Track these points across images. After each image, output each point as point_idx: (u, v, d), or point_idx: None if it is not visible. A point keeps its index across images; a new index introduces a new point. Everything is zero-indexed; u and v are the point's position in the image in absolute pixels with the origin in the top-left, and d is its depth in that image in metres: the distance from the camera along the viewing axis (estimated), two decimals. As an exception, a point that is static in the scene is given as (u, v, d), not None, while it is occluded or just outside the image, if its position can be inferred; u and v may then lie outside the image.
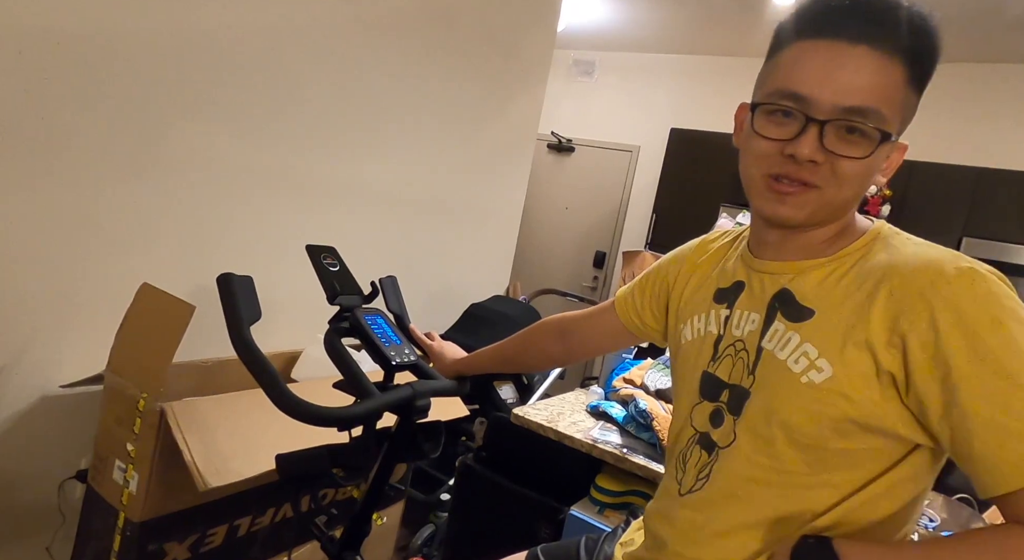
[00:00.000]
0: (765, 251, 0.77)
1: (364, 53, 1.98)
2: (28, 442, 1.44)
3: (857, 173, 0.66)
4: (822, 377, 0.65)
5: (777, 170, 0.67)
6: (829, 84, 0.63)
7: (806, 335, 0.67)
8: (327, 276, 1.01)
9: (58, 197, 1.38)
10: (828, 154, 0.64)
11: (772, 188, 0.68)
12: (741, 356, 0.75)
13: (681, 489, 0.79)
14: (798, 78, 0.65)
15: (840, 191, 0.67)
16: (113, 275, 1.49)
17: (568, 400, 1.78)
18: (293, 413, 0.83)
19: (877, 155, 0.65)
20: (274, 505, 1.47)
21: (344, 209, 2.06)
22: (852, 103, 0.63)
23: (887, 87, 0.63)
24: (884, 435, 0.64)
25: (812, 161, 0.65)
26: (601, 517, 1.45)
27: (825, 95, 0.63)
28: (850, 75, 0.63)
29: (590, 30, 4.09)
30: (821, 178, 0.66)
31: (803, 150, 0.64)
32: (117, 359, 1.31)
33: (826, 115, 0.63)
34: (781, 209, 0.68)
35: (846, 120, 0.63)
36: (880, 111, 0.63)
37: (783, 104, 0.66)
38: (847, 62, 0.63)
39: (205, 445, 1.18)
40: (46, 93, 1.31)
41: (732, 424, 0.74)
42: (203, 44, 1.55)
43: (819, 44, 0.64)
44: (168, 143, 1.54)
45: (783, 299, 0.72)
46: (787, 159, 0.66)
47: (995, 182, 3.15)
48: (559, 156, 4.65)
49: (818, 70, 0.64)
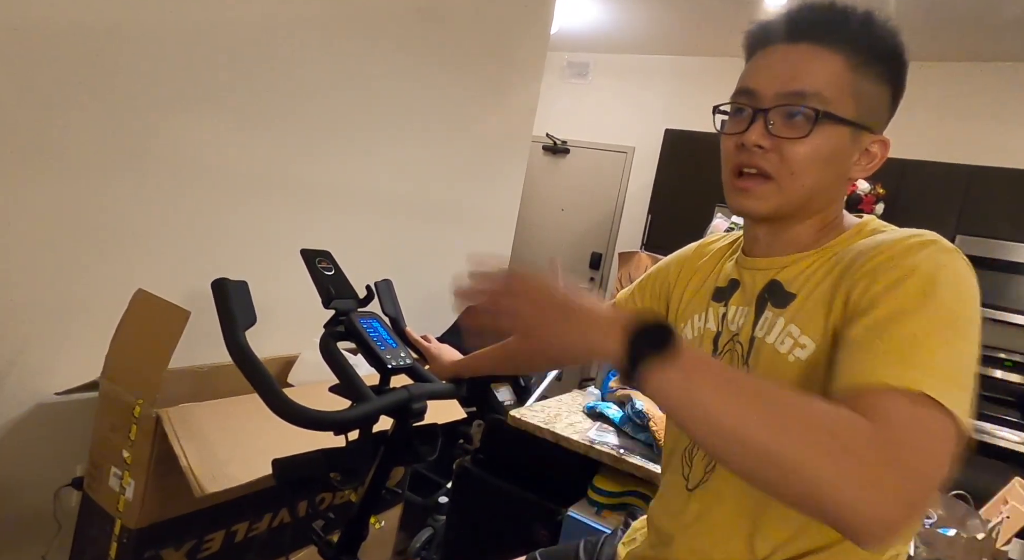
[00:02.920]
0: (756, 248, 0.80)
1: (358, 57, 1.98)
2: (23, 450, 1.43)
3: (805, 156, 0.69)
4: (806, 353, 0.67)
5: (736, 162, 0.73)
6: (771, 76, 0.70)
7: (789, 317, 0.71)
8: (322, 280, 1.01)
9: (51, 202, 1.37)
10: (773, 139, 0.69)
11: (735, 185, 0.74)
12: (736, 349, 0.78)
13: (689, 484, 0.80)
14: (748, 77, 0.73)
15: (794, 178, 0.70)
16: (107, 281, 1.48)
17: (565, 401, 1.78)
18: (289, 417, 0.83)
19: (820, 136, 0.68)
20: (271, 510, 1.46)
21: (339, 213, 2.06)
22: (791, 88, 0.68)
23: (826, 72, 0.68)
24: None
25: (759, 146, 0.70)
26: (599, 518, 1.45)
27: (767, 86, 0.70)
28: (788, 65, 0.70)
29: (583, 32, 4.10)
30: (771, 165, 0.70)
31: (750, 136, 0.70)
32: (112, 366, 1.30)
33: (769, 102, 0.69)
34: (744, 202, 0.73)
35: (786, 104, 0.68)
36: (820, 93, 0.68)
37: (737, 101, 0.73)
38: (788, 56, 0.70)
39: (201, 451, 1.18)
40: (36, 96, 1.31)
41: None
42: (196, 46, 1.55)
43: (766, 51, 0.72)
44: (161, 148, 1.54)
45: (772, 290, 0.75)
46: (741, 149, 0.71)
47: (988, 180, 3.17)
48: (554, 158, 4.65)
49: (763, 68, 0.72)
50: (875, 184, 3.25)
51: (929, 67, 3.52)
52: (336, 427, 0.87)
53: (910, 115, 3.65)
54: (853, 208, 3.20)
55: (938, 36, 3.18)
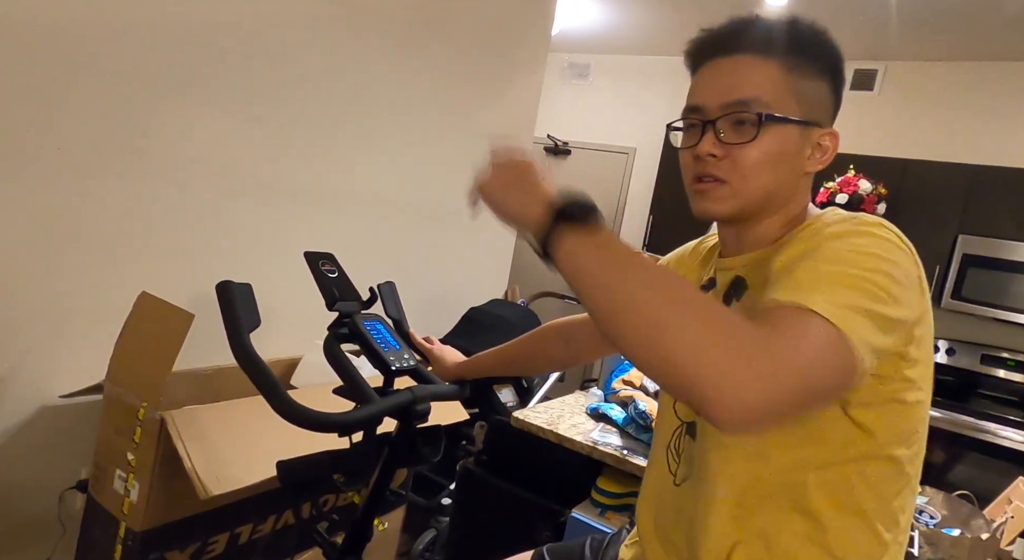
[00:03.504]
0: (727, 249, 0.84)
1: (360, 60, 1.98)
2: (28, 453, 1.44)
3: (755, 158, 0.72)
4: None
5: (694, 172, 0.76)
6: (714, 90, 0.74)
7: (744, 307, 0.76)
8: (325, 282, 1.01)
9: (53, 205, 1.38)
10: (724, 147, 0.73)
11: (694, 189, 0.77)
12: None
13: (676, 479, 0.82)
14: (693, 95, 0.77)
15: (746, 180, 0.73)
16: (111, 284, 1.49)
17: (568, 403, 1.78)
18: (294, 419, 0.83)
19: (768, 138, 0.71)
20: (275, 512, 1.47)
21: (341, 214, 2.07)
22: (733, 97, 0.72)
23: (763, 77, 0.72)
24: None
25: (712, 155, 0.73)
26: (602, 519, 1.45)
27: (712, 99, 0.74)
28: (729, 78, 0.74)
29: (584, 33, 4.10)
30: (725, 171, 0.73)
31: (702, 147, 0.74)
32: (116, 368, 1.30)
33: (715, 114, 0.73)
34: (703, 204, 0.76)
35: (731, 113, 0.72)
36: (759, 98, 0.71)
37: (687, 118, 0.77)
38: (725, 69, 0.74)
39: (206, 453, 1.18)
40: (34, 98, 1.32)
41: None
42: (198, 47, 1.56)
43: (706, 66, 0.76)
44: (163, 150, 1.54)
45: (736, 286, 0.79)
46: (697, 160, 0.75)
47: (989, 179, 3.16)
48: (555, 159, 4.65)
49: (705, 83, 0.76)
50: (877, 184, 3.25)
51: (931, 66, 3.52)
52: (340, 429, 0.87)
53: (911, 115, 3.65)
54: (855, 208, 3.19)
55: (939, 35, 3.18)
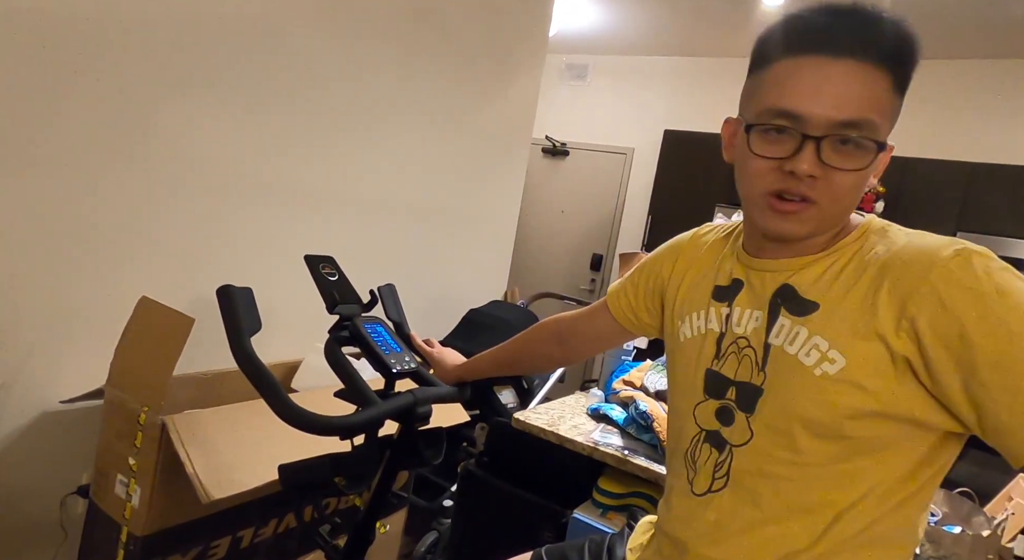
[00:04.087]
0: (764, 252, 0.78)
1: (358, 63, 1.98)
2: (29, 458, 1.44)
3: (853, 184, 0.68)
4: (836, 368, 0.66)
5: (778, 186, 0.69)
6: (820, 100, 0.65)
7: (814, 328, 0.68)
8: (326, 286, 1.01)
9: (53, 212, 1.38)
10: (826, 168, 0.66)
11: (774, 207, 0.70)
12: (747, 353, 0.76)
13: (694, 488, 0.79)
14: (789, 96, 0.67)
15: (838, 203, 0.68)
16: (111, 288, 1.49)
17: (568, 403, 1.78)
18: (296, 423, 0.83)
19: (871, 165, 0.67)
20: (276, 515, 1.47)
21: (340, 217, 2.07)
22: (845, 116, 0.64)
23: (875, 96, 0.65)
24: (900, 421, 0.65)
25: (811, 176, 0.66)
26: (604, 520, 1.45)
27: (818, 111, 0.65)
28: (839, 89, 0.65)
29: (581, 34, 4.10)
30: (819, 193, 0.67)
31: (802, 166, 0.66)
32: (117, 373, 1.31)
33: (822, 131, 0.65)
34: (785, 226, 0.70)
35: (841, 134, 0.65)
36: (872, 121, 0.65)
37: (777, 123, 0.67)
38: (834, 76, 0.65)
39: (207, 457, 1.18)
40: (34, 99, 1.32)
41: (746, 421, 0.74)
42: (197, 51, 1.56)
43: (803, 61, 0.66)
44: (163, 154, 1.54)
45: (785, 295, 0.73)
46: (787, 175, 0.68)
47: (988, 177, 3.17)
48: (553, 160, 4.66)
49: (807, 87, 0.66)
50: (875, 182, 3.26)
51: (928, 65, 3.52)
52: (343, 432, 0.88)
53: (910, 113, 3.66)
54: (853, 206, 3.19)
55: (937, 34, 3.19)
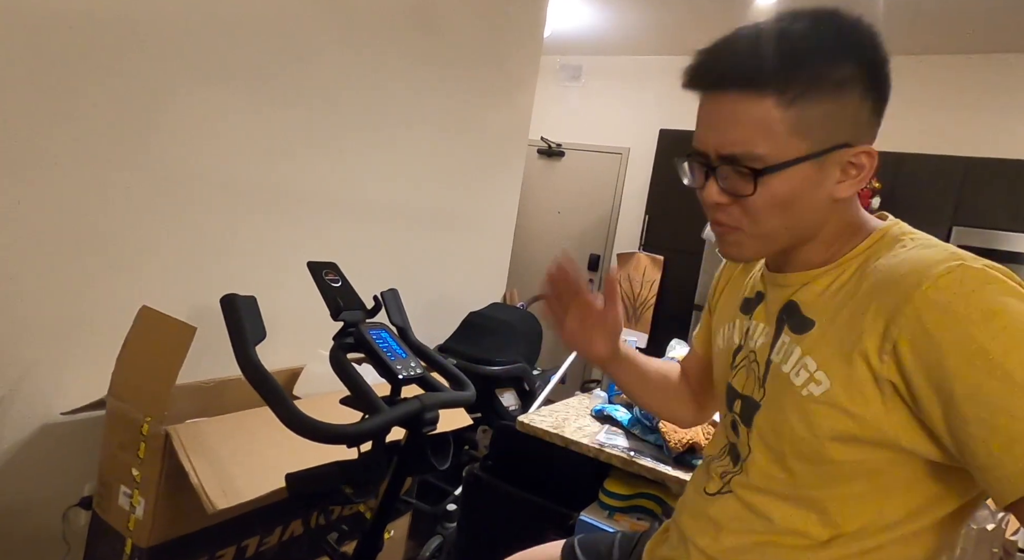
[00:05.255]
0: (775, 264, 0.78)
1: (353, 67, 1.98)
2: (31, 470, 1.42)
3: (763, 206, 0.67)
4: (820, 390, 0.65)
5: (709, 215, 0.72)
6: (709, 137, 0.68)
7: (806, 348, 0.68)
8: (330, 292, 1.01)
9: (53, 222, 1.37)
10: (730, 195, 0.68)
11: (715, 230, 0.73)
12: (753, 368, 0.76)
13: (707, 489, 0.81)
14: (697, 135, 0.70)
15: (759, 225, 0.68)
16: (111, 298, 1.48)
17: (572, 405, 1.78)
18: (304, 432, 0.82)
19: (774, 184, 0.65)
20: (281, 524, 1.46)
21: (339, 222, 2.06)
22: (725, 151, 0.66)
23: (755, 122, 0.64)
24: (885, 447, 0.63)
25: (717, 204, 0.69)
26: (611, 521, 1.44)
27: (709, 144, 0.68)
28: (721, 125, 0.66)
29: (576, 35, 4.11)
30: (734, 218, 0.69)
31: (707, 197, 0.69)
32: (119, 383, 1.29)
33: (714, 162, 0.68)
34: (724, 249, 0.73)
35: (728, 166, 0.66)
36: (751, 152, 0.64)
37: (692, 157, 0.71)
38: (717, 113, 0.67)
39: (211, 467, 1.17)
40: (35, 111, 1.31)
41: (747, 436, 0.75)
42: (198, 62, 1.55)
43: (704, 98, 0.68)
44: (161, 162, 1.54)
45: (789, 311, 0.73)
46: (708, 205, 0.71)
47: (983, 171, 3.19)
48: (549, 161, 4.66)
49: (702, 125, 0.69)
50: (871, 178, 3.27)
51: (921, 60, 3.54)
52: (351, 440, 0.87)
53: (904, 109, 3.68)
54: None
55: (929, 30, 3.20)
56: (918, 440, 0.61)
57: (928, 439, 0.60)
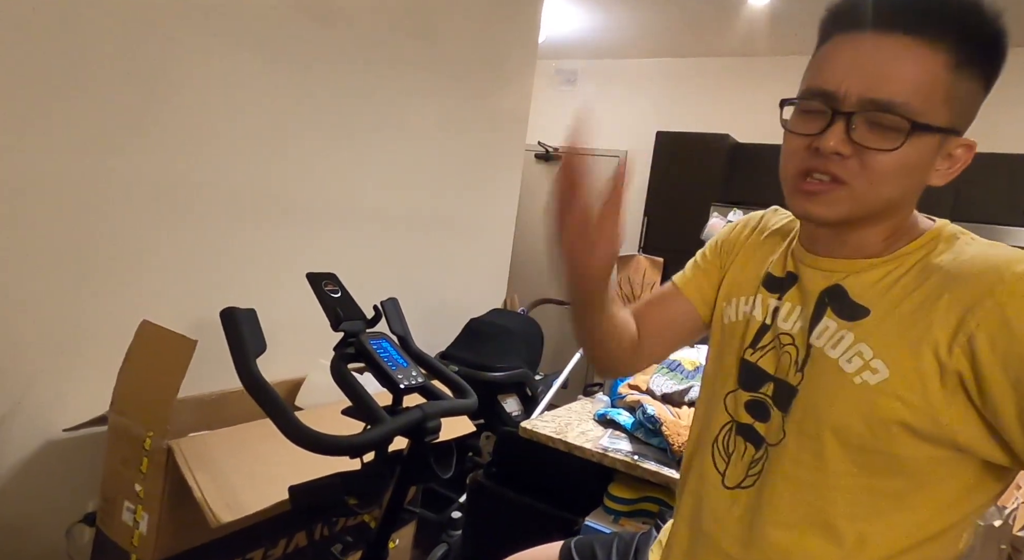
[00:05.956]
0: (818, 247, 0.74)
1: (348, 76, 1.98)
2: (33, 487, 1.42)
3: (889, 167, 0.62)
4: (877, 378, 0.63)
5: (805, 165, 0.65)
6: (855, 76, 0.62)
7: (860, 335, 0.65)
8: (329, 303, 1.01)
9: (50, 238, 1.37)
10: (855, 146, 0.62)
11: (800, 187, 0.66)
12: (788, 350, 0.73)
13: (726, 480, 0.76)
14: (826, 74, 0.64)
15: (872, 187, 0.64)
16: (112, 313, 1.48)
17: (575, 410, 1.78)
18: (306, 444, 0.82)
19: (910, 147, 0.61)
20: (286, 536, 1.45)
21: (337, 232, 2.06)
22: (878, 95, 0.61)
23: (921, 75, 0.60)
24: (938, 444, 0.62)
25: (838, 154, 0.63)
26: (617, 526, 1.44)
27: (850, 88, 0.62)
28: (877, 66, 0.61)
29: (570, 39, 4.12)
30: (849, 172, 0.63)
31: (828, 142, 0.62)
32: (120, 399, 1.29)
33: (851, 107, 0.62)
34: (811, 207, 0.66)
35: (872, 112, 0.61)
36: (909, 102, 0.60)
37: (810, 103, 0.65)
38: (876, 53, 0.61)
39: (214, 480, 1.17)
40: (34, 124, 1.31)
41: (781, 421, 0.72)
42: (197, 73, 1.55)
43: (850, 37, 0.63)
44: (157, 176, 1.54)
45: (834, 295, 0.70)
46: (815, 154, 0.64)
47: (979, 166, 3.16)
48: (547, 165, 4.66)
49: (845, 64, 0.63)
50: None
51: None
52: (354, 451, 0.87)
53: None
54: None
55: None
56: (977, 437, 0.60)
57: (989, 437, 0.60)
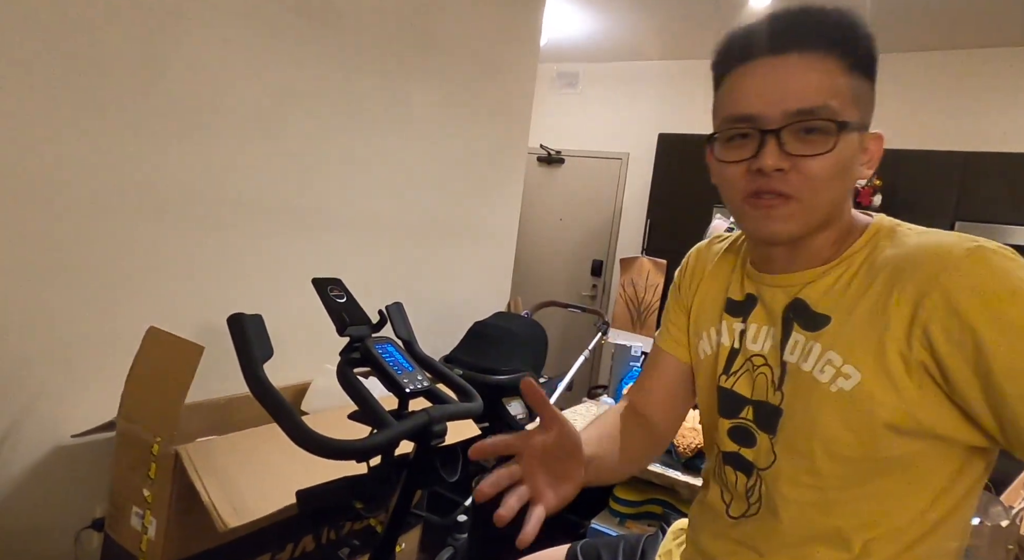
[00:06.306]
0: (774, 266, 0.76)
1: (350, 83, 1.99)
2: (42, 493, 1.43)
3: (827, 171, 0.65)
4: (851, 384, 0.64)
5: (752, 187, 0.68)
6: (771, 96, 0.65)
7: (827, 343, 0.67)
8: (335, 308, 1.01)
9: (58, 246, 1.38)
10: (792, 159, 0.65)
11: (755, 205, 0.68)
12: (763, 371, 0.74)
13: (731, 511, 0.77)
14: (743, 101, 0.68)
15: (818, 194, 0.66)
16: (119, 320, 1.49)
17: (580, 412, 1.78)
18: (313, 448, 0.83)
19: (841, 147, 0.65)
20: (293, 540, 1.46)
21: (341, 237, 2.07)
22: (798, 106, 0.64)
23: (827, 81, 0.65)
24: (922, 436, 0.62)
25: (779, 169, 0.65)
26: (622, 528, 1.44)
27: (771, 107, 0.65)
28: (788, 82, 0.65)
29: (571, 42, 4.13)
30: (792, 186, 0.66)
31: (766, 161, 0.65)
32: (128, 405, 1.30)
33: (778, 123, 0.65)
34: (771, 225, 0.68)
35: (798, 122, 0.64)
36: (828, 105, 0.64)
37: (736, 127, 0.68)
38: (782, 71, 0.66)
39: (222, 485, 1.17)
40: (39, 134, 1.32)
41: (769, 444, 0.72)
42: (199, 83, 1.57)
43: (751, 65, 0.67)
44: (164, 184, 1.55)
45: (797, 309, 0.71)
46: (757, 175, 0.67)
47: (983, 165, 3.18)
48: (549, 168, 4.67)
49: (758, 87, 0.67)
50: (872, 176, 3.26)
51: (916, 56, 3.55)
52: (360, 455, 0.87)
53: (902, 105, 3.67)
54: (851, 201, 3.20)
55: (925, 26, 3.21)
56: (954, 425, 0.61)
57: (965, 422, 0.61)
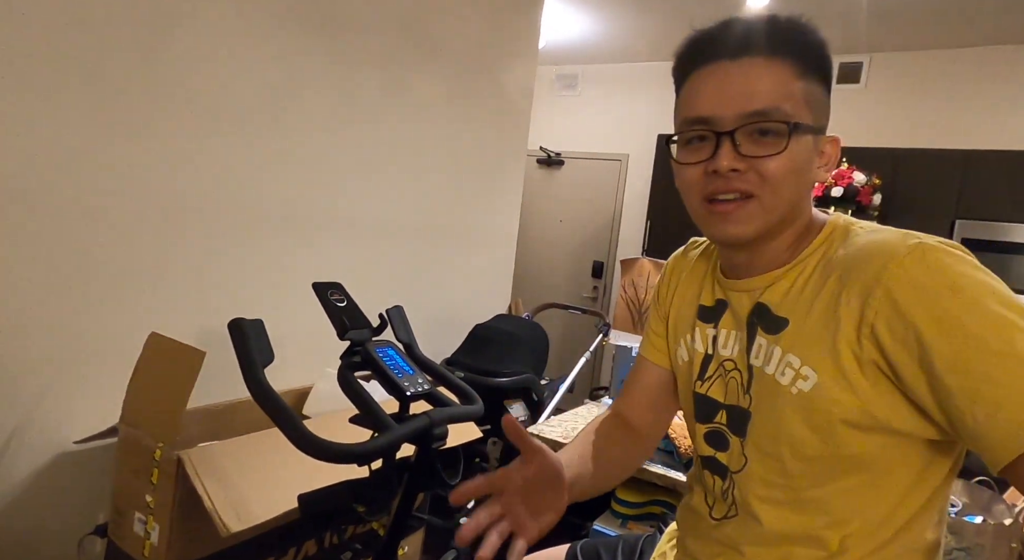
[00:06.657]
0: (739, 271, 0.77)
1: (348, 85, 2.00)
2: (45, 499, 1.43)
3: (782, 170, 0.67)
4: (809, 385, 0.65)
5: (709, 189, 0.69)
6: (726, 98, 0.67)
7: (786, 346, 0.68)
8: (335, 312, 1.01)
9: (59, 251, 1.39)
10: (747, 160, 0.67)
11: (712, 211, 0.70)
12: (733, 376, 0.76)
13: (713, 513, 0.79)
14: (699, 104, 0.69)
15: (775, 193, 0.68)
16: (120, 326, 1.49)
17: (581, 414, 1.78)
18: (314, 452, 0.83)
19: (794, 148, 0.66)
20: (295, 544, 1.46)
21: (341, 241, 2.07)
22: (751, 108, 0.66)
23: (779, 84, 0.67)
24: (881, 433, 0.63)
25: (734, 170, 0.67)
26: (624, 529, 1.44)
27: (725, 109, 0.67)
28: (743, 85, 0.67)
29: (570, 44, 4.14)
30: (751, 185, 0.67)
31: (722, 162, 0.67)
32: (130, 410, 1.30)
33: (732, 125, 0.67)
34: (729, 228, 0.70)
35: (751, 123, 0.66)
36: (781, 107, 0.66)
37: (693, 130, 0.70)
38: (737, 75, 0.67)
39: (224, 490, 1.17)
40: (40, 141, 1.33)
41: (740, 447, 0.74)
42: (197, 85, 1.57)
43: (708, 70, 0.69)
44: (164, 189, 1.55)
45: (760, 313, 0.73)
46: (713, 177, 0.68)
47: (983, 163, 3.18)
48: (549, 170, 4.68)
49: (714, 90, 0.68)
50: (871, 175, 3.27)
51: (915, 55, 3.55)
52: (361, 459, 0.88)
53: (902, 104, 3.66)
54: (851, 200, 3.20)
55: (920, 24, 3.21)
56: (910, 420, 0.62)
57: (920, 417, 0.62)
